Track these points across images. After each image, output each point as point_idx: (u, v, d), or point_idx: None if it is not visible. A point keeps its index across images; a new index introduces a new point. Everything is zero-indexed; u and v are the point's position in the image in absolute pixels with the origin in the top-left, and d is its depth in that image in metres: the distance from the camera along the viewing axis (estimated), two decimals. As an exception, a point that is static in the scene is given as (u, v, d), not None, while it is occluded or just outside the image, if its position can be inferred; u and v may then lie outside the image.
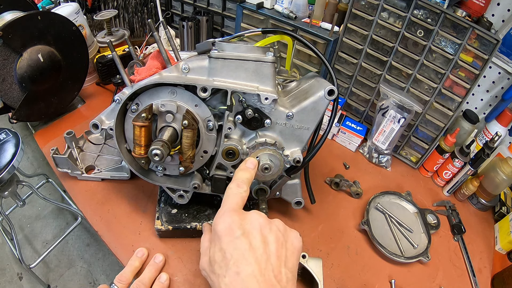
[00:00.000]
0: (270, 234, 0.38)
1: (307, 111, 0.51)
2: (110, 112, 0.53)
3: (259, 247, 0.36)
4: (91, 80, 1.03)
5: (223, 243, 0.36)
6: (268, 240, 0.37)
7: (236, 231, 0.36)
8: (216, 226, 0.38)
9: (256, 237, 0.37)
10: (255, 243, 0.36)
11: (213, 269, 0.37)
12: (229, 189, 0.42)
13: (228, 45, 0.50)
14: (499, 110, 0.82)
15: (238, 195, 0.41)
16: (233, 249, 0.36)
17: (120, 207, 0.68)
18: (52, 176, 1.22)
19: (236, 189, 0.42)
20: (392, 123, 0.82)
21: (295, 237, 0.41)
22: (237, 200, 0.41)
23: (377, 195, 0.77)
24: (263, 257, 0.35)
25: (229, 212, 0.39)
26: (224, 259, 0.36)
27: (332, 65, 0.91)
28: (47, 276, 1.27)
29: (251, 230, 0.37)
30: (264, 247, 0.36)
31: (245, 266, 0.34)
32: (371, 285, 0.62)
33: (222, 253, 0.36)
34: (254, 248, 0.36)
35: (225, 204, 0.41)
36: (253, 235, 0.37)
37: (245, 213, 0.39)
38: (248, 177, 0.45)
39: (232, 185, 0.43)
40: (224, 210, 0.40)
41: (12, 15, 0.74)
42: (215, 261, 0.37)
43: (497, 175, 0.76)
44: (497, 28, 0.79)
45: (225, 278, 0.35)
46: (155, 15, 1.19)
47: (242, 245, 0.36)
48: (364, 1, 0.79)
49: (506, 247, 0.73)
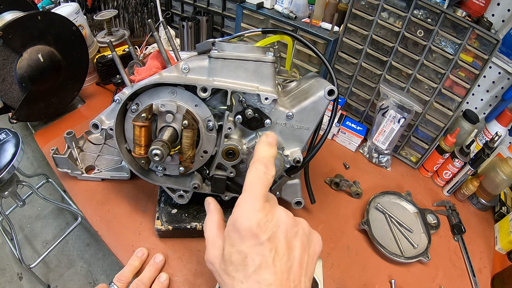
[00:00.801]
0: (296, 239, 0.35)
1: (307, 111, 0.51)
2: (110, 112, 0.53)
3: (284, 254, 0.33)
4: (91, 80, 1.03)
5: (245, 246, 0.32)
6: (293, 246, 0.34)
7: (261, 236, 0.32)
8: (238, 222, 0.33)
9: (281, 242, 0.33)
10: (280, 249, 0.33)
11: (227, 270, 0.34)
12: (255, 169, 0.36)
13: (228, 45, 0.50)
14: (499, 110, 0.82)
15: (265, 180, 0.35)
16: (256, 254, 0.32)
17: (120, 207, 0.68)
18: (52, 176, 1.22)
19: (264, 170, 0.35)
20: (392, 123, 0.82)
21: (317, 241, 0.38)
22: (264, 186, 0.35)
23: (377, 195, 0.77)
24: (287, 266, 0.33)
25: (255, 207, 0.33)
26: (244, 263, 0.32)
27: (332, 65, 0.91)
28: (47, 276, 1.27)
29: (277, 234, 0.33)
30: (288, 254, 0.33)
31: (267, 275, 0.31)
32: (371, 285, 0.62)
33: (242, 256, 0.32)
34: (279, 256, 0.32)
35: (249, 190, 0.34)
36: (279, 240, 0.33)
37: (271, 210, 0.34)
38: (273, 155, 0.38)
39: (259, 165, 0.36)
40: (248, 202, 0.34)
41: (12, 15, 0.74)
42: (232, 262, 0.33)
43: (497, 175, 0.76)
44: (497, 28, 0.79)
45: (242, 284, 0.32)
46: (155, 15, 1.19)
47: (266, 252, 0.32)
48: (364, 1, 0.79)
49: (506, 247, 0.73)
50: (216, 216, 0.40)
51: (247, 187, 0.35)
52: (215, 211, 0.41)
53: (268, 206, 0.35)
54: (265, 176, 0.35)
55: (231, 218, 0.34)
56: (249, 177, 0.36)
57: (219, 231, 0.38)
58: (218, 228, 0.39)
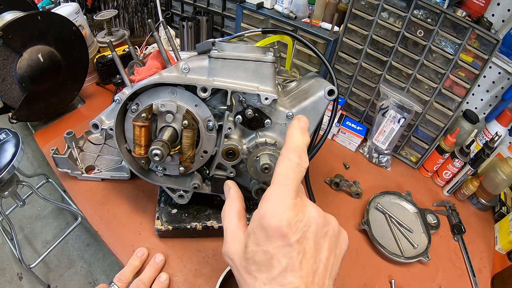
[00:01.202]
0: (324, 240, 0.32)
1: (307, 111, 0.51)
2: (110, 112, 0.53)
3: (311, 256, 0.31)
4: (91, 80, 1.03)
5: (272, 247, 0.30)
6: (321, 247, 0.32)
7: (291, 237, 0.30)
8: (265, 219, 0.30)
9: (310, 243, 0.31)
10: (308, 251, 0.31)
11: (249, 269, 0.31)
12: (288, 160, 0.32)
13: (228, 45, 0.50)
14: (499, 110, 0.82)
15: (298, 172, 0.32)
16: (283, 256, 0.30)
17: (120, 207, 0.68)
18: (52, 176, 1.22)
19: (298, 161, 0.32)
20: (392, 123, 0.82)
21: (344, 240, 0.35)
22: (297, 179, 0.32)
23: (377, 195, 0.77)
24: (313, 268, 0.31)
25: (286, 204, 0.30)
26: (269, 264, 0.30)
27: (332, 65, 0.91)
28: (47, 276, 1.27)
29: (307, 235, 0.31)
30: (315, 256, 0.31)
31: (293, 278, 0.29)
32: (371, 285, 0.62)
33: (267, 257, 0.30)
34: (306, 258, 0.30)
35: (280, 183, 0.31)
36: (308, 241, 0.31)
37: (302, 208, 0.31)
38: (307, 142, 0.34)
39: (292, 154, 0.32)
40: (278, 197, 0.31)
41: (12, 15, 0.74)
42: (255, 261, 0.31)
43: (497, 175, 0.76)
44: (497, 28, 0.79)
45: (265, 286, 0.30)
46: (155, 15, 1.19)
47: (294, 254, 0.30)
48: (364, 1, 0.79)
49: (506, 247, 0.73)
50: (237, 204, 0.37)
51: (278, 180, 0.32)
52: (235, 198, 0.37)
53: (300, 202, 0.31)
54: (298, 168, 0.32)
55: (257, 213, 0.31)
56: (281, 167, 0.32)
57: (240, 222, 0.35)
58: (239, 219, 0.35)
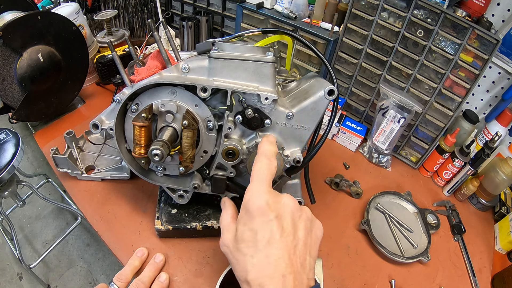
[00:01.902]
0: (300, 221, 0.38)
1: (307, 111, 0.51)
2: (110, 112, 0.53)
3: (290, 232, 0.36)
4: (91, 80, 1.03)
5: (255, 223, 0.36)
6: (297, 227, 0.38)
7: (269, 213, 0.36)
8: (249, 203, 0.37)
9: (287, 221, 0.37)
10: (287, 227, 0.36)
11: (239, 248, 0.37)
12: (259, 161, 0.41)
13: (228, 45, 0.50)
14: (499, 110, 0.82)
15: (269, 170, 0.40)
16: (265, 231, 0.35)
17: (120, 207, 0.68)
18: (52, 176, 1.22)
19: (268, 162, 0.41)
20: (392, 123, 0.82)
21: (319, 227, 0.41)
22: (269, 174, 0.40)
23: (377, 195, 0.77)
24: (293, 243, 0.36)
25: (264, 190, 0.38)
26: (254, 239, 0.35)
27: (332, 65, 0.91)
28: (47, 276, 1.27)
29: (284, 214, 0.37)
30: (294, 233, 0.37)
31: (275, 250, 0.34)
32: (371, 285, 0.62)
33: (253, 233, 0.36)
34: (285, 233, 0.36)
35: (257, 178, 0.39)
36: (286, 219, 0.37)
37: (278, 195, 0.39)
38: (275, 151, 0.44)
39: (262, 157, 0.42)
40: (257, 186, 0.38)
41: (12, 15, 0.74)
42: (243, 240, 0.36)
43: (497, 175, 0.76)
44: (497, 28, 0.79)
45: (253, 258, 0.35)
46: (155, 15, 1.19)
47: (274, 228, 0.35)
48: (364, 1, 0.79)
49: (506, 247, 0.73)
50: (231, 210, 0.44)
51: (254, 177, 0.39)
52: (230, 207, 0.45)
53: (275, 192, 0.39)
54: (269, 166, 0.40)
55: (242, 204, 0.38)
56: (255, 168, 0.40)
57: (233, 219, 0.42)
58: (232, 218, 0.42)
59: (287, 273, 0.34)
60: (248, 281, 0.34)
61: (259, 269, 0.34)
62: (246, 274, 0.35)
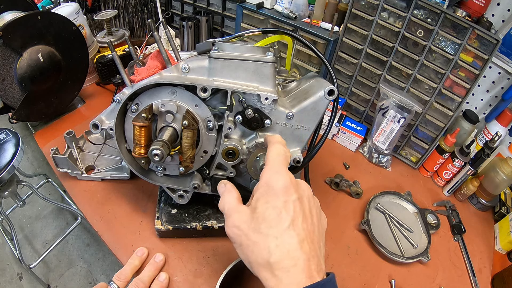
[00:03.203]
0: (314, 208, 0.38)
1: (307, 111, 0.51)
2: (110, 112, 0.53)
3: (308, 217, 0.36)
4: (91, 80, 1.03)
5: (280, 201, 0.34)
6: (312, 214, 0.37)
7: (293, 193, 0.35)
8: (271, 181, 0.36)
9: (306, 205, 0.36)
10: (306, 211, 0.36)
11: (259, 228, 0.34)
12: (274, 147, 0.40)
13: (228, 45, 0.50)
14: (499, 110, 0.82)
15: (285, 156, 0.40)
16: (290, 210, 0.34)
17: (120, 207, 0.68)
18: (52, 176, 1.22)
19: (283, 148, 0.40)
20: (392, 123, 0.82)
21: (325, 219, 0.41)
22: (285, 160, 0.39)
23: (377, 195, 0.77)
24: (312, 228, 0.35)
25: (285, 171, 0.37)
26: (279, 218, 0.34)
27: (332, 65, 0.91)
28: (47, 276, 1.27)
29: (303, 198, 0.36)
30: (310, 218, 0.36)
31: (300, 230, 0.33)
32: (371, 285, 0.62)
33: (276, 211, 0.34)
34: (305, 217, 0.35)
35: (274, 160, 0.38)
36: (304, 203, 0.36)
37: (296, 180, 0.38)
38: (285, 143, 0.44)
39: (277, 144, 0.41)
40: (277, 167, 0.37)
41: (12, 15, 0.74)
42: (265, 219, 0.34)
43: (497, 175, 0.76)
44: (497, 28, 0.79)
45: (277, 239, 0.33)
46: (155, 15, 1.19)
47: (297, 210, 0.34)
48: (364, 1, 0.79)
49: (506, 247, 0.73)
50: (234, 193, 0.41)
51: (271, 161, 0.38)
52: (232, 189, 0.42)
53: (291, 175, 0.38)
54: (284, 152, 0.40)
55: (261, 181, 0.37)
56: (272, 153, 0.39)
57: (239, 202, 0.39)
58: (238, 200, 0.40)
59: (311, 256, 0.33)
60: (271, 263, 0.32)
61: (285, 251, 0.32)
62: (269, 256, 0.32)
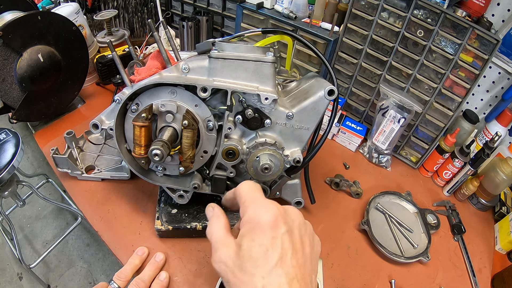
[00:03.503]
0: (306, 236, 0.36)
1: (307, 111, 0.51)
2: (110, 112, 0.53)
3: (299, 249, 0.33)
4: (91, 80, 1.03)
5: (266, 238, 0.32)
6: (304, 242, 0.35)
7: (281, 227, 0.33)
8: (256, 216, 0.33)
9: (296, 237, 0.34)
10: (296, 244, 0.33)
11: (244, 267, 0.32)
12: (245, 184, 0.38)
13: (228, 45, 0.50)
14: (499, 110, 0.82)
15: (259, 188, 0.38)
16: (277, 247, 0.32)
17: (120, 207, 0.68)
18: (52, 176, 1.22)
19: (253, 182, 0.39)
20: (392, 123, 0.82)
21: (318, 243, 0.39)
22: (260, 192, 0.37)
23: (377, 195, 0.77)
24: (303, 260, 0.33)
25: (269, 202, 0.34)
26: (266, 257, 0.31)
27: (332, 65, 0.91)
28: (47, 276, 1.27)
29: (293, 229, 0.34)
30: (302, 249, 0.34)
31: (289, 268, 0.31)
32: (371, 285, 0.62)
33: (263, 249, 0.31)
34: (296, 250, 0.33)
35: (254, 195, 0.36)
36: (295, 234, 0.34)
37: (283, 206, 0.35)
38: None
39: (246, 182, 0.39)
40: (259, 199, 0.35)
41: (12, 15, 0.74)
42: (251, 257, 0.32)
43: (497, 175, 0.76)
44: (497, 28, 0.79)
45: (263, 279, 0.31)
46: (155, 15, 1.19)
47: (286, 244, 0.32)
48: (364, 1, 0.79)
49: (506, 247, 0.73)
50: (223, 219, 0.39)
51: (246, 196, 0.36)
52: (220, 215, 0.39)
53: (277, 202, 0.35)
54: (255, 185, 0.38)
55: (246, 218, 0.34)
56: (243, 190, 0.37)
57: (228, 232, 0.37)
58: (226, 230, 0.37)
59: None
60: None
61: None
62: None
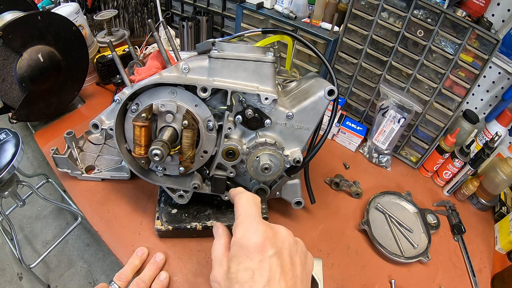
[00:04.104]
0: (296, 256, 0.36)
1: (307, 111, 0.51)
2: (110, 112, 0.53)
3: (289, 270, 0.33)
4: (91, 80, 1.03)
5: (253, 262, 0.32)
6: (295, 262, 0.35)
7: (269, 250, 0.33)
8: (243, 239, 0.34)
9: (286, 258, 0.34)
10: (286, 265, 0.33)
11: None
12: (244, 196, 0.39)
13: (228, 45, 0.50)
14: (499, 110, 0.82)
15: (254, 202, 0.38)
16: (264, 270, 0.32)
17: (120, 207, 0.68)
18: (52, 176, 1.21)
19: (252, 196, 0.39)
20: (392, 123, 0.82)
21: (311, 260, 0.39)
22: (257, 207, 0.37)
23: (377, 195, 0.77)
24: (293, 281, 0.33)
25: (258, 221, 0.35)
26: (252, 280, 0.31)
27: (332, 65, 0.91)
28: (47, 276, 1.27)
29: (282, 250, 0.34)
30: (292, 270, 0.34)
31: None
32: (371, 285, 0.62)
33: (249, 273, 0.32)
34: (285, 272, 0.33)
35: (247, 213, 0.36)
36: (284, 255, 0.34)
37: (273, 227, 0.36)
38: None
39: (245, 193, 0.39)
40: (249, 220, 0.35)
41: (12, 15, 0.74)
42: (238, 280, 0.32)
43: (497, 175, 0.76)
44: (497, 28, 0.79)
45: None
46: (155, 15, 1.19)
47: (274, 267, 0.32)
48: (364, 1, 0.79)
49: (506, 247, 0.73)
50: (225, 239, 0.39)
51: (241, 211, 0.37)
52: (223, 235, 0.40)
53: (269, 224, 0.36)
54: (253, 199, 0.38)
55: (234, 239, 0.35)
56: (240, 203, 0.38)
57: (226, 251, 0.37)
58: (225, 249, 0.38)
59: None
60: None
61: None
62: None
